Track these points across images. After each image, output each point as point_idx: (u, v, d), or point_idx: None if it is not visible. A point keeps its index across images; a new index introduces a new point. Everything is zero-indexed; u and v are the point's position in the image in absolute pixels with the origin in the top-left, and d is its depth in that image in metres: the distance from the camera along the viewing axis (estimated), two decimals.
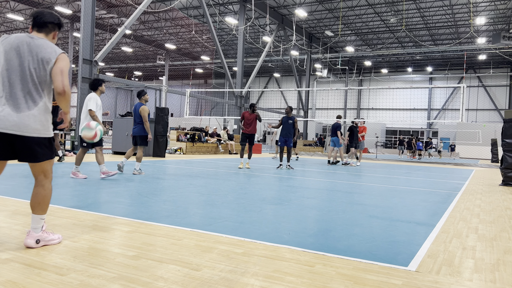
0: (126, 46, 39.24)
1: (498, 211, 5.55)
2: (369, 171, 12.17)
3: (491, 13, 26.84)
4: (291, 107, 11.68)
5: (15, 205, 4.35)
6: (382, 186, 8.09)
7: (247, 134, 11.19)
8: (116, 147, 14.75)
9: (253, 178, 8.32)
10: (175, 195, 5.57)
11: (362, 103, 46.97)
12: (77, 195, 5.14)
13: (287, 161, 11.71)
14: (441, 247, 3.45)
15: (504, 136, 9.49)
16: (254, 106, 11.40)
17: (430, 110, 43.19)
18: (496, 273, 2.82)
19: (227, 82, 29.10)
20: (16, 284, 2.21)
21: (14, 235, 3.17)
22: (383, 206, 5.43)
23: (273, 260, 2.85)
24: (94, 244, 3.03)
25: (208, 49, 38.65)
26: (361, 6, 26.86)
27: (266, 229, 3.76)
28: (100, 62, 22.84)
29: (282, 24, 29.00)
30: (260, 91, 52.33)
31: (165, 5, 27.40)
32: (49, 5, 28.03)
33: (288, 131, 11.37)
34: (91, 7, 15.22)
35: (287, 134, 11.36)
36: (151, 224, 3.75)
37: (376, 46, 36.88)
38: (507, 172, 9.35)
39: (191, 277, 2.44)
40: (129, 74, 52.45)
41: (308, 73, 33.96)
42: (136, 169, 8.03)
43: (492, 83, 40.81)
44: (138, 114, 8.05)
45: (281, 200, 5.52)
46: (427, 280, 2.60)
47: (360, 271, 2.70)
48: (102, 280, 2.32)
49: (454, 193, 7.46)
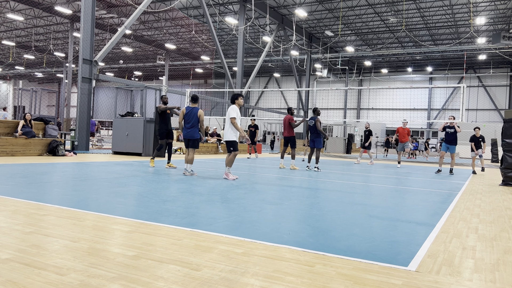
0: (126, 46, 39.23)
1: (498, 211, 5.55)
2: (369, 171, 12.17)
3: (491, 13, 26.84)
4: (316, 108, 11.77)
5: (15, 205, 4.35)
6: (382, 186, 8.09)
7: (285, 138, 11.74)
8: (116, 147, 14.75)
9: (253, 178, 8.32)
10: (175, 195, 5.57)
11: (362, 103, 46.96)
12: (77, 195, 5.14)
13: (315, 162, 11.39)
14: (441, 247, 3.45)
15: (504, 136, 9.49)
16: (291, 109, 11.83)
17: (430, 110, 43.18)
18: (496, 273, 2.82)
19: (227, 82, 29.09)
20: (16, 284, 2.21)
21: (14, 235, 3.17)
22: (383, 206, 5.42)
23: (273, 260, 2.85)
24: (94, 244, 3.03)
25: (208, 49, 38.64)
26: (361, 6, 26.85)
27: (266, 229, 3.76)
28: (100, 62, 22.84)
29: (282, 24, 28.99)
30: (260, 91, 52.31)
31: (165, 5, 27.39)
32: (49, 5, 28.02)
33: (312, 132, 11.50)
34: (91, 7, 15.21)
35: (313, 136, 11.51)
36: (151, 224, 3.75)
37: (376, 46, 36.88)
38: (507, 172, 9.35)
39: (191, 277, 2.44)
40: (129, 74, 52.44)
41: (308, 73, 33.96)
42: (187, 170, 8.33)
43: (492, 83, 40.80)
44: (194, 117, 8.28)
45: (281, 200, 5.52)
46: (427, 280, 2.60)
47: (360, 271, 2.70)
48: (102, 280, 2.32)
49: (454, 193, 7.46)
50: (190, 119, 8.35)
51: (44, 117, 13.95)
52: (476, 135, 13.59)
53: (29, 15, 31.25)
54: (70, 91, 33.56)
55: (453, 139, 12.03)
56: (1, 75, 55.82)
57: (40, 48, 41.48)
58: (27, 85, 57.54)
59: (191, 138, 8.37)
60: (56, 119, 21.03)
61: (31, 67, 52.29)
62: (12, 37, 38.54)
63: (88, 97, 15.48)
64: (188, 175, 8.32)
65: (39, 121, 13.21)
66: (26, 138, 11.85)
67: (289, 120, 11.54)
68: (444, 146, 12.25)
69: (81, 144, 15.24)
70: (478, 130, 13.62)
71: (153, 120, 14.21)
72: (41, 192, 5.28)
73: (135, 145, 14.28)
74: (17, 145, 11.63)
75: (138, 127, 14.21)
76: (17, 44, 40.39)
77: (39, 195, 5.00)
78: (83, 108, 15.36)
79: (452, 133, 11.99)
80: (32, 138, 12.04)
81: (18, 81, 57.26)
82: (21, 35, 37.62)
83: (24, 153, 11.78)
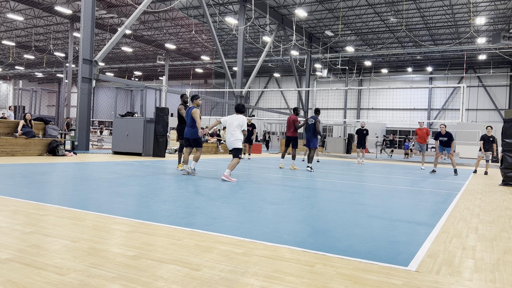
0: (126, 46, 39.23)
1: (498, 211, 5.55)
2: (369, 171, 12.17)
3: (491, 13, 26.84)
4: (318, 108, 11.72)
5: (15, 205, 4.35)
6: (382, 186, 8.09)
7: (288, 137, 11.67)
8: (116, 147, 14.75)
9: (253, 178, 8.32)
10: (175, 195, 5.57)
11: (362, 103, 46.95)
12: (77, 195, 5.14)
13: (308, 162, 11.31)
14: (441, 247, 3.45)
15: (504, 136, 9.49)
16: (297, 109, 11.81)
17: (430, 110, 43.17)
18: (496, 273, 2.82)
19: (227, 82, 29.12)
20: (16, 284, 2.21)
21: (14, 235, 3.17)
22: (383, 206, 5.42)
23: (273, 260, 2.85)
24: (94, 244, 3.03)
25: (208, 49, 38.64)
26: (361, 6, 26.85)
27: (266, 229, 3.76)
28: (100, 62, 22.84)
29: (282, 24, 28.99)
30: (260, 91, 52.31)
31: (165, 5, 27.39)
32: (49, 5, 28.02)
33: (310, 132, 11.39)
34: (91, 7, 15.21)
35: (309, 135, 11.39)
36: (151, 224, 3.75)
37: (376, 46, 36.88)
38: (507, 172, 9.35)
39: (191, 277, 2.44)
40: (129, 74, 52.44)
41: (308, 73, 33.95)
42: (191, 167, 8.34)
43: (492, 83, 40.80)
44: (190, 116, 8.30)
45: (281, 200, 5.52)
46: (427, 280, 2.60)
47: (360, 271, 2.70)
48: (102, 280, 2.32)
49: (454, 193, 7.46)
50: (188, 118, 8.44)
51: (44, 117, 13.95)
52: (487, 133, 13.34)
53: (29, 15, 31.25)
54: (70, 91, 33.57)
55: (448, 144, 12.60)
56: (1, 75, 55.81)
57: (40, 48, 41.48)
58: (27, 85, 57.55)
59: (191, 137, 8.42)
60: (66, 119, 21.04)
61: (31, 67, 52.29)
62: (12, 37, 38.54)
63: (88, 97, 15.49)
64: (187, 174, 8.33)
65: (39, 121, 13.21)
66: (26, 138, 11.85)
67: (293, 121, 11.49)
68: (440, 147, 12.78)
69: (81, 144, 15.25)
70: (490, 129, 13.37)
71: (153, 120, 14.22)
72: (41, 192, 5.28)
73: (135, 145, 14.28)
74: (17, 145, 11.63)
75: (138, 127, 14.22)
76: (17, 44, 40.39)
77: (39, 195, 5.00)
78: (83, 108, 15.36)
79: (446, 141, 12.55)
80: (32, 138, 12.04)
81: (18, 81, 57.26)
82: (21, 35, 37.63)
83: (24, 153, 11.78)
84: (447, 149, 12.63)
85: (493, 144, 13.36)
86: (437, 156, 12.92)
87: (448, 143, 12.56)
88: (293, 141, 11.64)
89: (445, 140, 12.59)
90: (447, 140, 12.55)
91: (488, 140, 13.26)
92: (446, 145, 12.62)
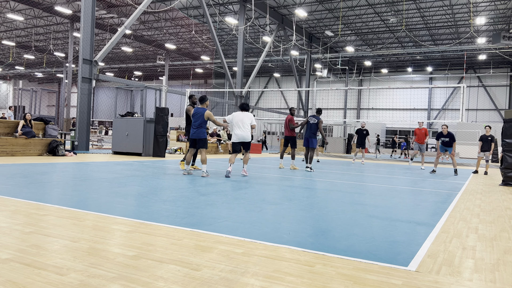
0: (126, 46, 39.23)
1: (498, 211, 5.55)
2: (369, 171, 12.17)
3: (491, 13, 26.84)
4: (320, 109, 11.65)
5: (15, 205, 4.35)
6: (382, 186, 8.09)
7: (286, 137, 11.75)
8: (116, 147, 14.75)
9: (253, 178, 8.32)
10: (175, 195, 5.57)
11: (362, 103, 46.96)
12: (77, 195, 5.14)
13: (306, 162, 11.14)
14: (441, 247, 3.45)
15: (504, 136, 9.49)
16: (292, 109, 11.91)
17: (430, 110, 43.17)
18: (496, 273, 2.82)
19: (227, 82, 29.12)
20: (16, 284, 2.21)
21: (14, 235, 3.17)
22: (383, 206, 5.42)
23: (273, 260, 2.85)
24: (94, 244, 3.03)
25: (208, 49, 38.64)
26: (361, 6, 26.85)
27: (266, 229, 3.76)
28: (100, 62, 22.84)
29: (282, 24, 28.99)
30: (260, 91, 52.31)
31: (165, 5, 27.39)
32: (49, 5, 28.02)
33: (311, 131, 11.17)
34: (91, 7, 15.21)
35: (309, 134, 11.19)
36: (151, 224, 3.75)
37: (376, 46, 36.88)
38: (507, 172, 9.35)
39: (191, 277, 2.44)
40: (129, 74, 52.44)
41: (308, 73, 33.95)
42: (203, 171, 8.34)
43: (492, 83, 40.79)
44: (201, 118, 8.31)
45: (281, 200, 5.52)
46: (427, 280, 2.59)
47: (360, 271, 2.70)
48: (102, 280, 2.32)
49: (454, 193, 7.46)
50: (197, 119, 8.34)
51: (44, 117, 13.95)
52: (486, 133, 13.38)
53: (29, 15, 31.25)
54: (70, 91, 33.56)
55: (450, 144, 12.71)
56: (1, 75, 55.80)
57: (40, 48, 41.48)
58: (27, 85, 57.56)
59: (197, 138, 8.35)
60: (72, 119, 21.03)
61: (31, 67, 52.28)
62: (12, 37, 38.54)
63: (88, 97, 15.49)
64: (187, 174, 8.35)
65: (39, 121, 13.21)
66: (26, 138, 11.85)
67: (288, 121, 11.51)
68: (442, 147, 12.89)
69: (81, 144, 15.25)
70: (489, 128, 13.41)
71: (153, 120, 14.22)
72: (41, 192, 5.28)
73: (135, 145, 14.28)
74: (17, 145, 11.63)
75: (138, 127, 14.22)
76: (17, 44, 40.39)
77: (39, 195, 5.00)
78: (83, 108, 15.37)
79: (448, 141, 12.67)
80: (32, 138, 12.04)
81: (18, 81, 57.27)
82: (21, 35, 37.62)
83: (24, 153, 11.78)
84: (449, 149, 12.75)
85: (492, 143, 13.41)
86: (437, 156, 13.06)
87: (450, 143, 12.66)
88: (291, 141, 11.62)
89: (447, 141, 12.70)
90: (449, 140, 12.66)
91: (486, 140, 13.34)
92: (448, 145, 12.73)
